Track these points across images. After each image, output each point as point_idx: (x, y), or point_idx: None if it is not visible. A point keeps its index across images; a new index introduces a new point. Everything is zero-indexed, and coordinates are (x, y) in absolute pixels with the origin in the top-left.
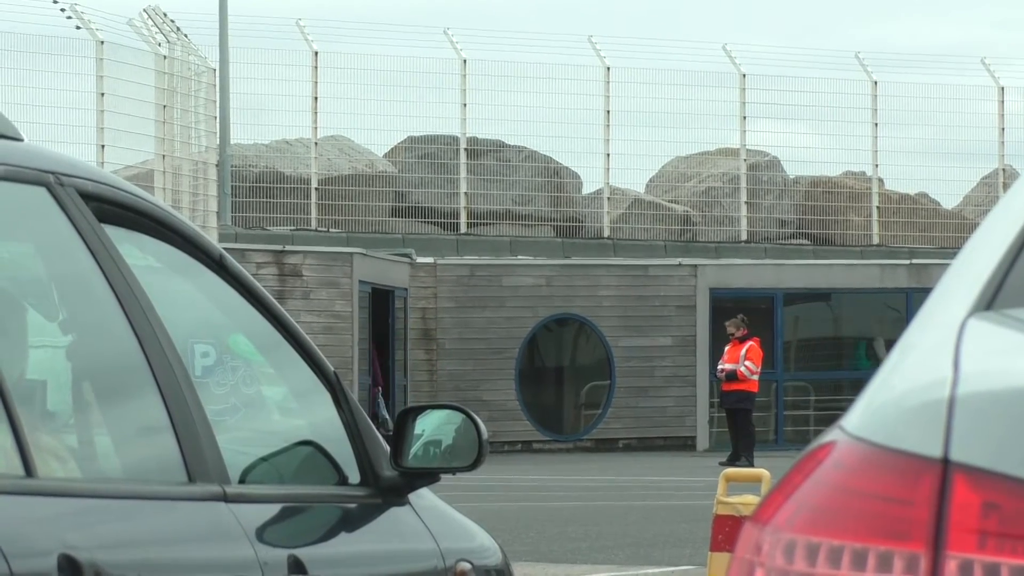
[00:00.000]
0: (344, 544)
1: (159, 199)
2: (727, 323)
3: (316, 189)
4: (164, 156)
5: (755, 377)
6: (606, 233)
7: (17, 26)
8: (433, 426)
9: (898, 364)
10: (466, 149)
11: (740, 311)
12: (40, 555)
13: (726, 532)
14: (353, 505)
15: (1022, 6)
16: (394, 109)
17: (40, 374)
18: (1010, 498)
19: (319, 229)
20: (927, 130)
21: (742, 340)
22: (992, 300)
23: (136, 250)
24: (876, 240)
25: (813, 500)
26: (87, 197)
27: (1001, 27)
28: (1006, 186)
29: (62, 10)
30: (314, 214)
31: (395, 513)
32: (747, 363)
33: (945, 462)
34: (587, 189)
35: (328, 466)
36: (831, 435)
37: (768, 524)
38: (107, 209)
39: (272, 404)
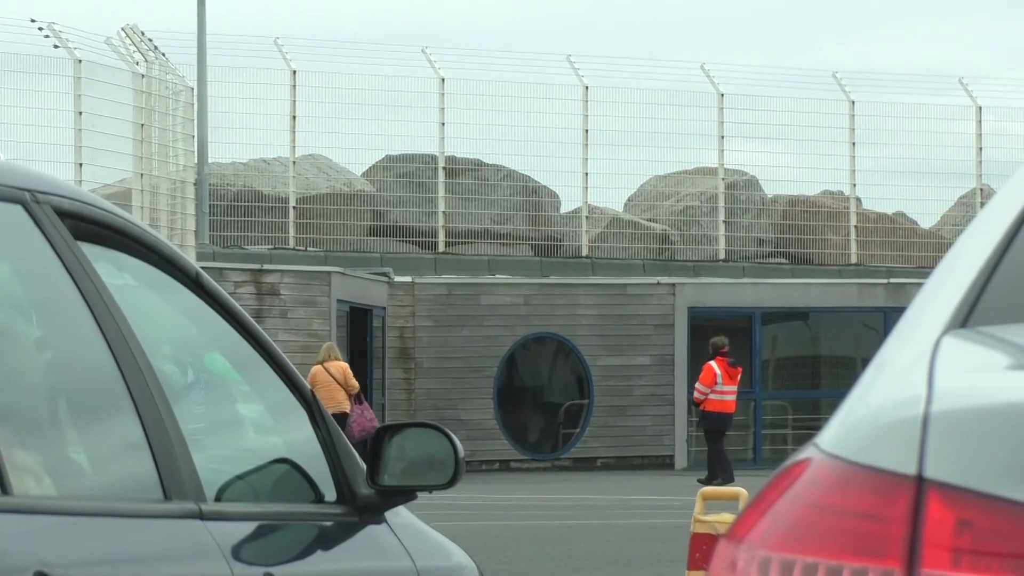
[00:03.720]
0: (320, 562)
1: (135, 217)
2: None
3: (294, 208)
4: (142, 175)
5: (708, 397)
6: (584, 252)
7: None
8: (410, 444)
9: (873, 381)
10: (444, 168)
11: (718, 330)
12: (15, 573)
13: (703, 550)
14: (329, 523)
15: (998, 26)
16: (372, 128)
17: (15, 392)
18: (984, 515)
19: (297, 248)
20: (905, 150)
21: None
22: (967, 318)
23: (112, 268)
24: (854, 259)
25: (788, 517)
26: (63, 215)
27: (978, 47)
28: (983, 206)
29: (40, 29)
30: (292, 233)
31: (372, 531)
32: (696, 384)
33: (919, 479)
34: (565, 208)
35: (304, 484)
36: (806, 452)
37: (743, 541)
38: (83, 227)
39: (248, 422)
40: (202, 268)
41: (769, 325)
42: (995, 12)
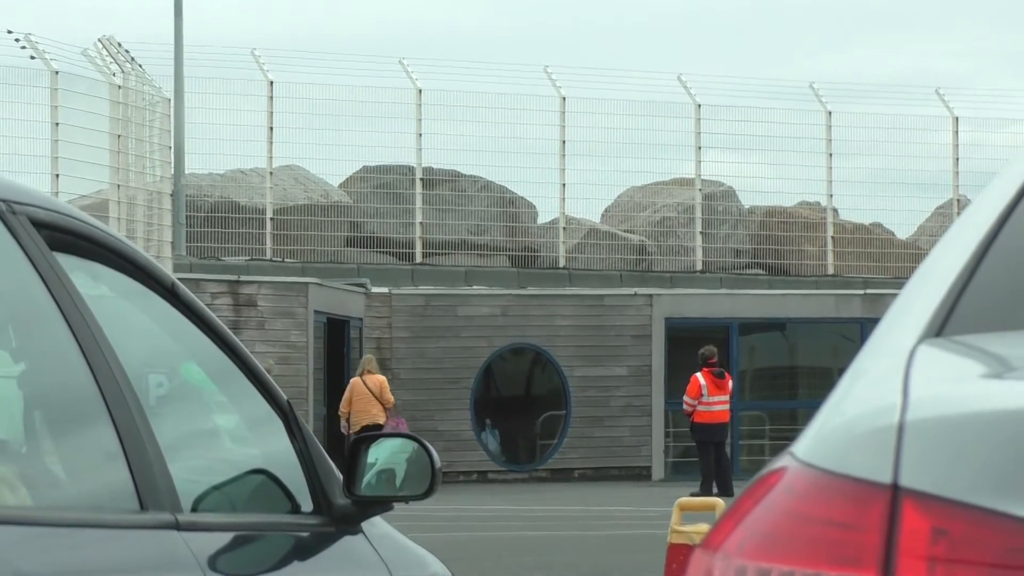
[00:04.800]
0: (297, 572)
1: (112, 228)
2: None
3: (271, 219)
4: (119, 186)
5: (695, 409)
6: (561, 263)
7: None
8: (386, 455)
9: (848, 390)
10: (421, 179)
11: (696, 341)
12: None
13: (680, 561)
14: (306, 533)
15: (975, 37)
16: (349, 139)
17: None
18: (958, 524)
19: (274, 259)
20: (881, 160)
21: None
22: (942, 327)
23: (88, 279)
24: (831, 270)
25: (763, 526)
26: (39, 225)
27: (955, 58)
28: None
29: (16, 40)
30: (269, 244)
31: (348, 542)
32: (684, 396)
33: (895, 488)
34: (542, 219)
35: (281, 494)
36: (782, 461)
37: (719, 550)
38: (59, 237)
39: (225, 432)
40: (179, 279)
41: (746, 336)
42: (972, 23)
